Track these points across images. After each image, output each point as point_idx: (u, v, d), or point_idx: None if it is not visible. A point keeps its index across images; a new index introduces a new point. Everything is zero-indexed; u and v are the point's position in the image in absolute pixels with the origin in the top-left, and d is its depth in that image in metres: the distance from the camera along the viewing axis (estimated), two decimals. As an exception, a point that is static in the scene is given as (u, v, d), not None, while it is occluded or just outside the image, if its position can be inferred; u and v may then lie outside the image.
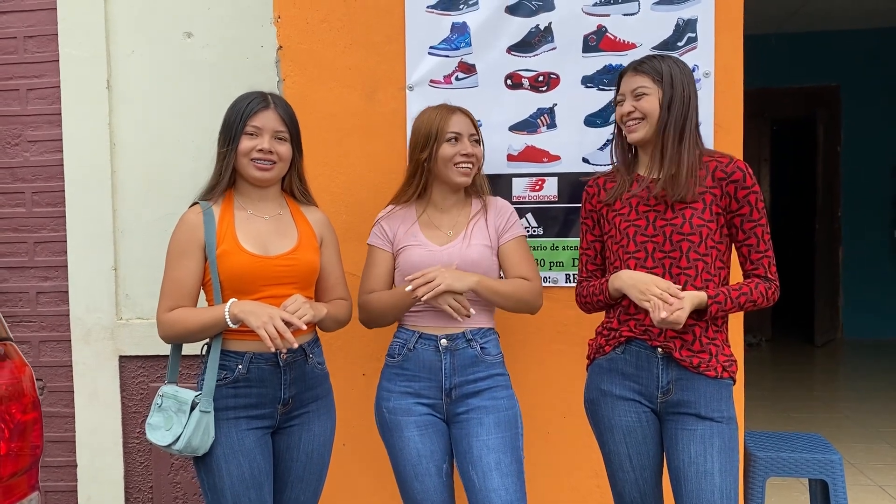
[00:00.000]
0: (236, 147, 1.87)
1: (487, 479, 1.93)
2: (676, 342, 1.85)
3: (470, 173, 2.06)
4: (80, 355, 2.83)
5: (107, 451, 2.83)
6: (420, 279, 1.93)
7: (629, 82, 1.90)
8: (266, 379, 1.88)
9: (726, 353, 1.89)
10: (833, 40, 7.19)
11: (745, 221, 1.85)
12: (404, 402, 2.02)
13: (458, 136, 2.04)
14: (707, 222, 1.83)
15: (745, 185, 1.84)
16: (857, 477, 3.73)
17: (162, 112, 2.77)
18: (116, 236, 2.81)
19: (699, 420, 1.84)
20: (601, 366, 1.97)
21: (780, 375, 6.13)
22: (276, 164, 1.92)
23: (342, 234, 2.41)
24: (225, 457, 1.84)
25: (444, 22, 2.49)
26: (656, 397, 1.89)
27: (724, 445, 1.83)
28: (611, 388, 1.94)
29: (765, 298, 1.85)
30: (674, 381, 1.86)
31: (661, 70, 1.86)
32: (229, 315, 1.79)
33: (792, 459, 2.64)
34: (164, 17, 2.75)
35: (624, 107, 1.91)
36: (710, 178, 1.86)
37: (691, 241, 1.83)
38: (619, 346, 1.92)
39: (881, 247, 7.33)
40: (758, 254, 1.86)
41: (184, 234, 1.88)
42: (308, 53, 2.56)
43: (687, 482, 1.82)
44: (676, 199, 1.84)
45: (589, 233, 2.03)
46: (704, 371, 1.84)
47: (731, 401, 1.89)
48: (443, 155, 2.03)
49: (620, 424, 1.92)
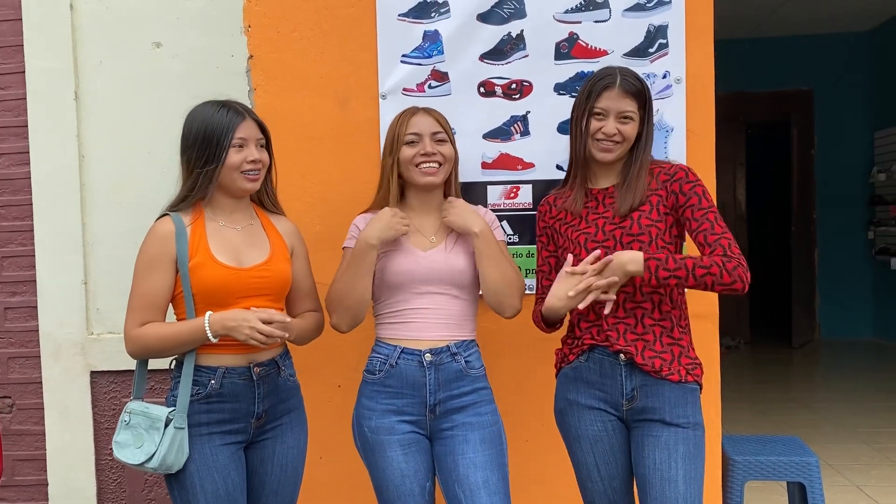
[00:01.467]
0: (224, 161, 1.84)
1: (475, 497, 1.89)
2: (639, 344, 1.85)
3: (436, 172, 2.00)
4: (51, 371, 2.78)
5: (79, 468, 2.78)
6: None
7: (617, 102, 1.86)
8: (239, 393, 1.86)
9: (691, 355, 1.89)
10: (806, 45, 7.30)
11: (695, 210, 1.83)
12: (387, 420, 1.97)
13: (418, 137, 2.00)
14: (655, 222, 1.85)
15: (689, 180, 1.86)
16: (835, 477, 3.77)
17: (131, 123, 2.74)
18: (86, 250, 2.77)
19: (664, 426, 1.84)
20: (567, 375, 1.97)
21: (758, 377, 6.20)
22: (261, 172, 1.92)
23: (316, 244, 2.39)
24: (199, 473, 1.81)
25: (416, 30, 2.49)
26: (622, 405, 1.89)
27: (689, 452, 1.83)
28: (577, 397, 1.94)
29: (722, 269, 1.74)
30: (638, 387, 1.86)
31: (646, 96, 1.88)
32: (211, 331, 1.77)
33: (769, 463, 2.66)
34: (131, 28, 2.72)
35: (608, 127, 1.87)
36: (654, 181, 1.89)
37: (642, 242, 1.84)
38: (583, 354, 1.93)
39: (856, 248, 7.44)
40: (714, 236, 1.79)
41: (154, 247, 1.84)
42: (279, 63, 2.54)
43: (651, 489, 1.83)
44: (628, 211, 1.87)
45: (544, 249, 2.05)
46: (667, 375, 1.84)
47: (698, 406, 1.89)
48: (403, 158, 2.00)
49: (587, 434, 1.93)
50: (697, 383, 1.88)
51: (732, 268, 1.75)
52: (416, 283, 1.98)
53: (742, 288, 1.76)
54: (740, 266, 1.75)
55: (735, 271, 1.75)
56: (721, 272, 1.74)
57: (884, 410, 4.96)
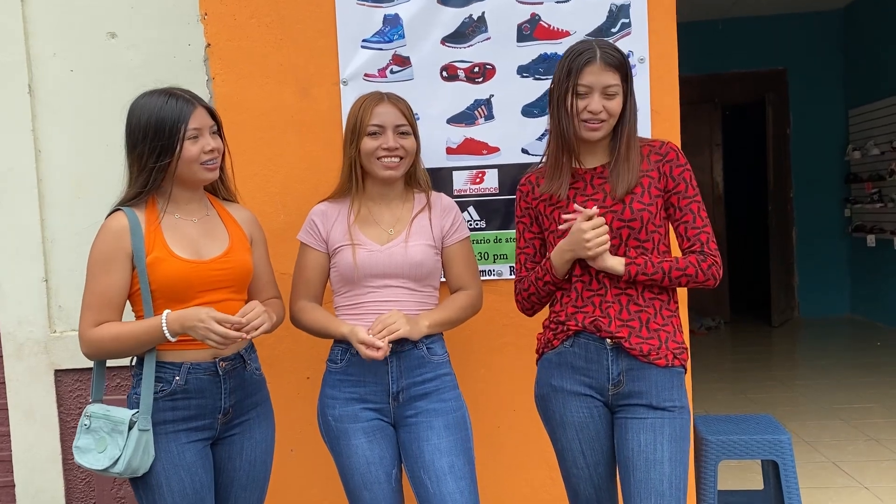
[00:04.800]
0: (180, 154, 1.78)
1: (441, 483, 1.90)
2: (624, 331, 1.83)
3: (396, 167, 1.98)
4: (14, 371, 2.74)
5: (45, 468, 2.75)
6: (378, 327, 1.88)
7: (599, 77, 1.79)
8: (205, 389, 1.82)
9: (678, 339, 1.88)
10: (780, 24, 7.33)
11: (681, 198, 1.84)
12: (350, 408, 1.97)
13: (381, 129, 1.97)
14: (647, 206, 1.82)
15: (679, 163, 1.85)
16: (812, 454, 3.81)
17: (88, 116, 2.69)
18: (46, 246, 2.72)
19: (650, 410, 1.83)
20: (550, 360, 1.94)
21: (738, 357, 6.27)
22: (218, 160, 1.88)
23: (280, 234, 2.37)
24: (165, 472, 1.78)
25: (376, 14, 2.45)
26: (607, 390, 1.87)
27: (675, 434, 1.83)
28: (561, 383, 1.91)
29: (698, 269, 1.81)
30: (624, 371, 1.85)
31: (627, 68, 1.82)
32: (168, 330, 1.73)
33: (742, 442, 2.67)
34: (85, 18, 2.66)
35: (593, 104, 1.80)
36: (645, 161, 1.85)
37: (632, 228, 1.82)
38: (568, 340, 1.90)
39: (833, 226, 7.52)
40: (694, 230, 1.83)
41: (108, 244, 1.79)
42: (237, 51, 2.50)
43: (636, 471, 1.81)
44: (624, 194, 1.83)
45: (527, 230, 1.99)
46: (655, 360, 1.83)
47: (683, 389, 1.88)
48: (365, 149, 1.97)
49: (573, 421, 1.91)
50: (683, 367, 1.88)
51: (707, 267, 1.81)
52: (373, 277, 1.97)
53: (713, 284, 1.84)
54: (714, 265, 1.82)
55: (709, 270, 1.82)
56: (696, 272, 1.81)
57: (859, 386, 5.02)
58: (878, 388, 4.92)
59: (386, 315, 1.90)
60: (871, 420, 4.29)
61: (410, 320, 1.92)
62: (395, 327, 1.87)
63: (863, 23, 7.07)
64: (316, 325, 2.01)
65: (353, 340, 1.88)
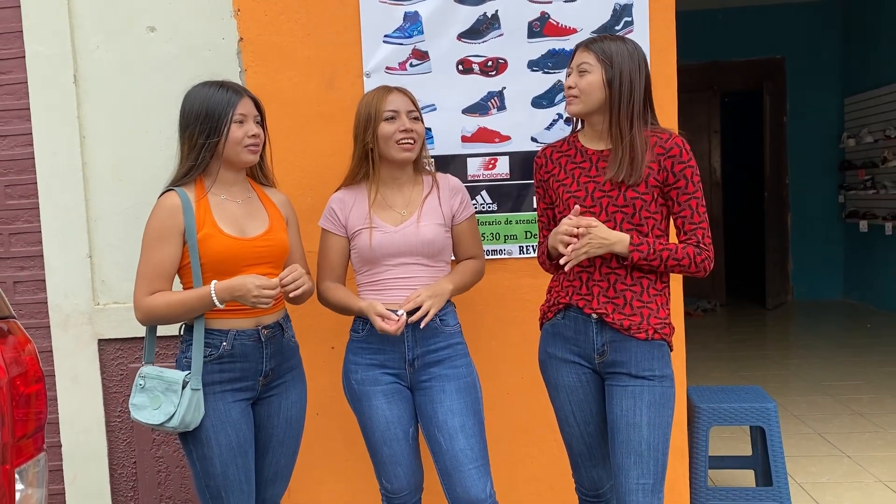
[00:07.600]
0: (227, 136, 1.96)
1: (454, 440, 2.07)
2: (609, 307, 1.98)
3: (412, 148, 2.14)
4: (60, 341, 2.91)
5: (90, 430, 2.93)
6: (410, 305, 2.07)
7: (578, 57, 1.99)
8: (249, 353, 1.99)
9: (660, 315, 1.99)
10: (777, 14, 7.38)
11: (680, 194, 1.94)
12: (371, 373, 2.15)
13: (395, 114, 2.13)
14: (642, 195, 1.93)
15: (682, 160, 1.93)
16: (799, 426, 3.99)
17: (129, 104, 2.84)
18: (90, 225, 2.88)
19: (631, 378, 1.97)
20: (547, 330, 2.12)
21: (733, 338, 6.37)
22: (260, 146, 2.05)
23: (308, 216, 2.52)
24: (213, 428, 1.94)
25: (397, 11, 2.62)
26: (594, 358, 2.03)
27: (654, 401, 1.95)
28: (555, 350, 2.09)
29: (692, 262, 1.93)
30: (608, 343, 2.00)
31: (607, 50, 1.94)
32: (217, 298, 1.89)
33: (731, 409, 2.84)
34: (126, 13, 2.81)
35: (568, 80, 2.01)
36: (649, 152, 1.94)
37: (625, 213, 1.95)
38: (560, 313, 2.07)
39: (828, 212, 7.59)
40: (691, 225, 1.95)
41: (162, 220, 1.94)
42: (268, 44, 2.67)
43: (618, 433, 1.96)
44: (631, 184, 1.92)
45: (541, 200, 2.15)
46: (635, 333, 1.96)
47: (666, 360, 1.99)
48: (383, 133, 2.12)
49: (564, 384, 2.08)
50: (665, 341, 1.99)
51: (701, 260, 1.94)
52: (390, 256, 2.14)
53: (703, 275, 1.98)
54: (707, 259, 1.95)
55: (702, 263, 1.95)
56: (690, 264, 1.94)
57: (847, 365, 5.18)
58: (865, 367, 5.08)
59: (414, 294, 2.09)
60: (857, 396, 4.45)
61: (433, 288, 2.11)
62: (427, 307, 2.06)
63: (859, 12, 7.14)
64: (339, 303, 2.18)
65: (371, 313, 2.06)
